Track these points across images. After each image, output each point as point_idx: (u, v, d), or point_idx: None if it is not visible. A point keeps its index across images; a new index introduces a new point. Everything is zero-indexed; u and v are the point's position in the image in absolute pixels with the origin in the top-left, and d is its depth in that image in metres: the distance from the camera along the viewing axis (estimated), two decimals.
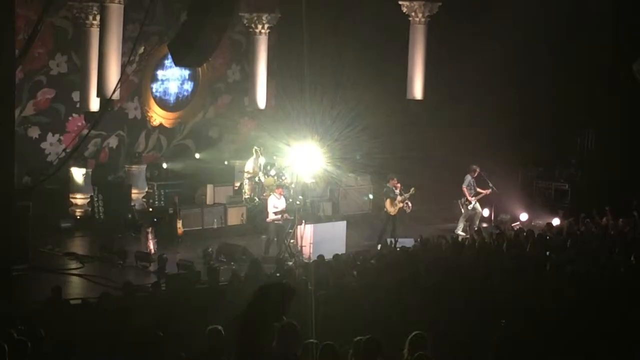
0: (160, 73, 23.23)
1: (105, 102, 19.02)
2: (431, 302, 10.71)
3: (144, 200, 21.58)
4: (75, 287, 15.26)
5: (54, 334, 9.45)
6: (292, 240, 17.83)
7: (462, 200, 20.31)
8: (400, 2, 22.43)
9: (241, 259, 16.97)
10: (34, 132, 21.07)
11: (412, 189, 19.18)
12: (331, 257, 14.74)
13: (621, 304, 10.65)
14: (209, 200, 20.71)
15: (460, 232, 20.01)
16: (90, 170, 21.00)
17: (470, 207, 20.20)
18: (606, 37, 21.45)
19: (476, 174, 20.27)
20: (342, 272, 13.46)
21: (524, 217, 21.26)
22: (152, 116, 23.03)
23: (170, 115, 23.52)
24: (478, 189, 20.36)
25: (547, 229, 17.89)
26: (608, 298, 10.89)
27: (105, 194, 20.09)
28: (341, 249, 16.90)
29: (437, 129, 22.72)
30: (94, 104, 19.90)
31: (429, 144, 22.84)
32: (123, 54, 19.67)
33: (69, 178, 20.60)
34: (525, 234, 16.52)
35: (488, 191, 20.22)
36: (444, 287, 11.68)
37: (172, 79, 23.52)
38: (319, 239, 17.54)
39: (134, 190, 21.25)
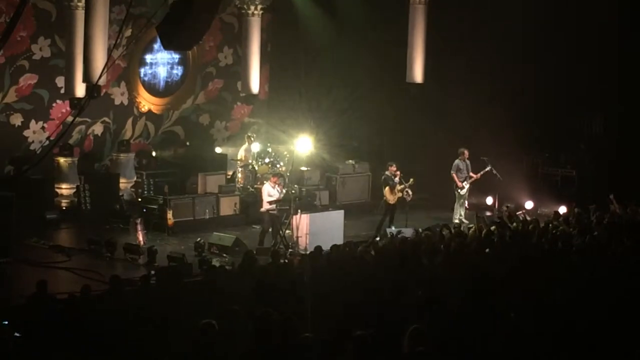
0: (148, 57, 23.19)
1: (91, 87, 18.95)
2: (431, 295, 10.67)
3: (133, 190, 21.55)
4: (62, 281, 15.17)
5: (38, 331, 9.43)
6: (287, 231, 17.84)
7: (454, 186, 20.33)
8: None
9: (234, 251, 16.95)
10: (17, 120, 21.01)
11: (411, 179, 19.23)
12: (329, 248, 14.74)
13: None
14: (200, 190, 20.70)
15: (464, 219, 20.09)
16: (76, 159, 20.97)
17: (462, 192, 20.28)
18: (615, 17, 21.28)
19: (466, 157, 20.29)
20: (340, 264, 13.46)
21: (528, 205, 21.28)
22: (140, 102, 23.00)
23: (159, 101, 23.48)
24: (471, 173, 20.35)
25: (554, 217, 17.89)
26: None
27: (92, 184, 20.05)
28: (339, 240, 16.89)
29: (438, 113, 22.69)
30: (80, 90, 19.82)
31: (430, 130, 22.80)
32: (109, 37, 19.60)
33: (54, 167, 20.58)
34: (531, 223, 16.54)
35: (479, 175, 20.27)
36: (448, 281, 11.67)
37: (161, 63, 23.48)
38: (315, 230, 17.58)
39: (122, 180, 21.23)
